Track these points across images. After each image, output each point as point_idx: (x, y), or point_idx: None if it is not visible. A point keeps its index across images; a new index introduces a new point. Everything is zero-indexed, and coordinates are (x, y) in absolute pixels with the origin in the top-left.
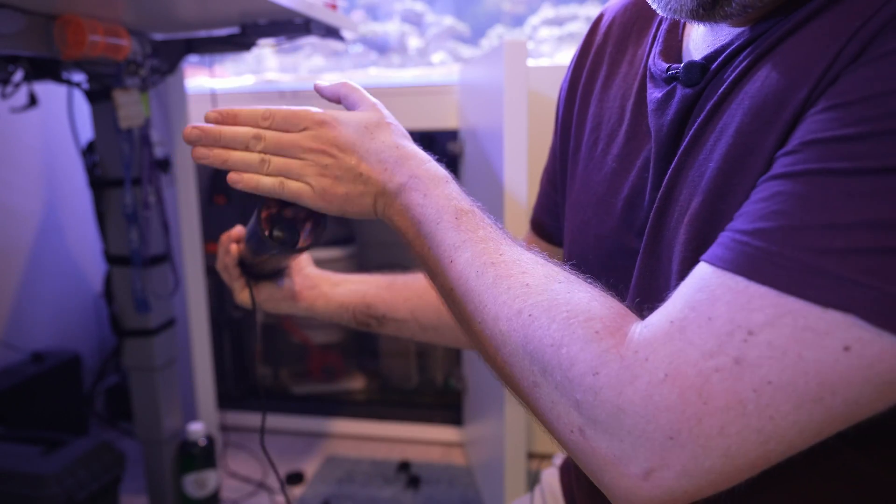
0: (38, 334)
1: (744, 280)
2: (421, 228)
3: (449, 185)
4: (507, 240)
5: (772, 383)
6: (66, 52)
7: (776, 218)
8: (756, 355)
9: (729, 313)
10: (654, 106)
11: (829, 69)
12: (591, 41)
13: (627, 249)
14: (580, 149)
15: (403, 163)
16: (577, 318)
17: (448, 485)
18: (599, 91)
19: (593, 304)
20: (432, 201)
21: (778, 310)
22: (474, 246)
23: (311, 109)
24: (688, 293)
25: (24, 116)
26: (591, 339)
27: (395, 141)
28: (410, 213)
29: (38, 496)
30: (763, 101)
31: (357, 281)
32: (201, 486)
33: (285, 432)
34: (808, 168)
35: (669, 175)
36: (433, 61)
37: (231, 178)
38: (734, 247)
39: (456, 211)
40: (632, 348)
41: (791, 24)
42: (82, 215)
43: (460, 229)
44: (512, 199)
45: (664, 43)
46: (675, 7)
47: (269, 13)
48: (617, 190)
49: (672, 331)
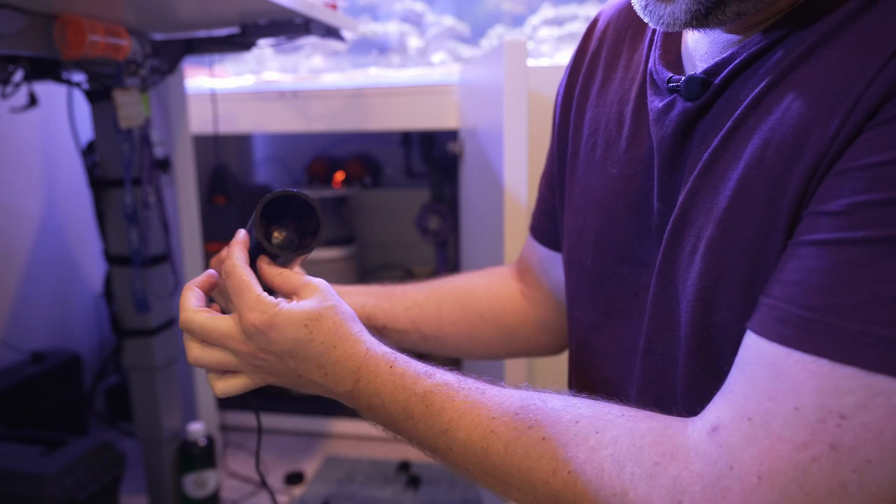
0: (38, 334)
1: (827, 363)
2: (397, 427)
3: (397, 368)
4: (487, 391)
5: (871, 462)
6: (66, 52)
7: (847, 291)
8: (852, 438)
9: (817, 400)
10: (654, 115)
11: (856, 106)
12: (587, 46)
13: (630, 257)
14: (578, 153)
15: (343, 366)
16: (626, 456)
17: (448, 485)
18: (596, 95)
19: (632, 432)
20: (391, 401)
21: (870, 390)
22: (461, 422)
23: (249, 310)
24: (757, 380)
25: (24, 116)
26: (653, 473)
27: (334, 339)
28: (374, 414)
29: (38, 496)
30: (784, 134)
31: (355, 292)
32: (201, 486)
33: (285, 432)
34: (871, 235)
35: (684, 198)
36: (433, 61)
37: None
38: (805, 325)
39: (421, 398)
40: (708, 460)
41: (804, 47)
42: (82, 215)
43: (437, 413)
44: (512, 199)
45: (663, 47)
46: (668, 21)
47: (269, 13)
48: (619, 196)
49: (754, 429)
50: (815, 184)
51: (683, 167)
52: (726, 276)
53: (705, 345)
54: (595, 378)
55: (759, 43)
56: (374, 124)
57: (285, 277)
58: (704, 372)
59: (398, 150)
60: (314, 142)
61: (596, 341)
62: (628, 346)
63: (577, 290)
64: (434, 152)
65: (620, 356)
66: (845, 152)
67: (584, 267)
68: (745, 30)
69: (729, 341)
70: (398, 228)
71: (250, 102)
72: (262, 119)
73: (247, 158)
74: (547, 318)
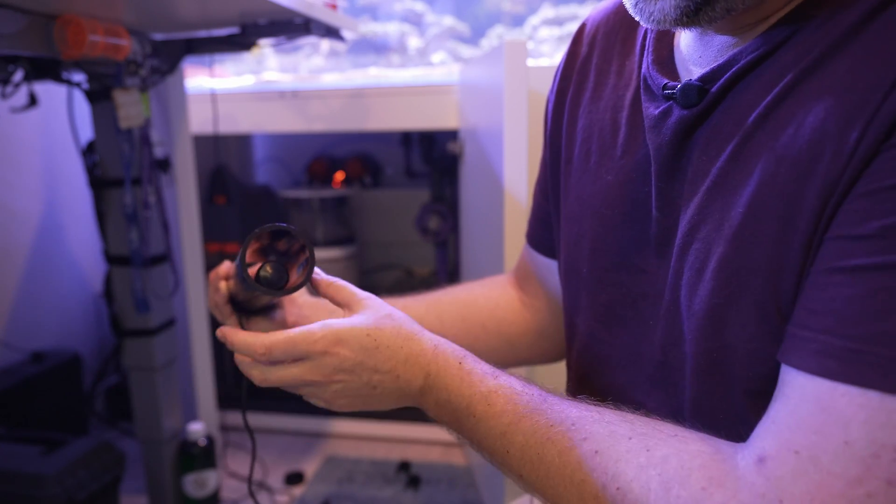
0: (38, 334)
1: (877, 395)
2: (460, 425)
3: (465, 365)
4: (549, 399)
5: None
6: (66, 52)
7: (889, 318)
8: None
9: (868, 434)
10: (650, 123)
11: (871, 123)
12: (577, 52)
13: (627, 264)
14: (572, 161)
15: (413, 362)
16: (674, 478)
17: (448, 485)
18: (588, 102)
19: (681, 453)
20: (457, 396)
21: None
22: (520, 425)
23: (310, 334)
24: (802, 414)
25: (24, 116)
26: (699, 498)
27: (399, 341)
28: (441, 412)
29: (38, 496)
30: (797, 152)
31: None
32: (201, 486)
33: (285, 432)
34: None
35: (693, 212)
36: (433, 61)
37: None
38: (849, 356)
39: (485, 396)
40: (756, 492)
41: (810, 59)
42: (82, 215)
43: (498, 414)
44: (512, 199)
45: (655, 51)
46: (658, 18)
47: (269, 13)
48: (614, 203)
49: (802, 463)
50: (835, 204)
51: (683, 175)
52: (739, 294)
53: (715, 364)
54: (600, 386)
55: (758, 49)
56: (374, 124)
57: (336, 289)
58: (711, 391)
59: (398, 150)
60: (314, 142)
61: (597, 350)
62: (631, 353)
63: (576, 299)
64: (434, 152)
65: (622, 364)
66: (865, 172)
67: (581, 275)
68: (739, 31)
69: (738, 362)
70: (398, 228)
71: (250, 102)
72: (262, 119)
73: (247, 158)
74: (546, 325)
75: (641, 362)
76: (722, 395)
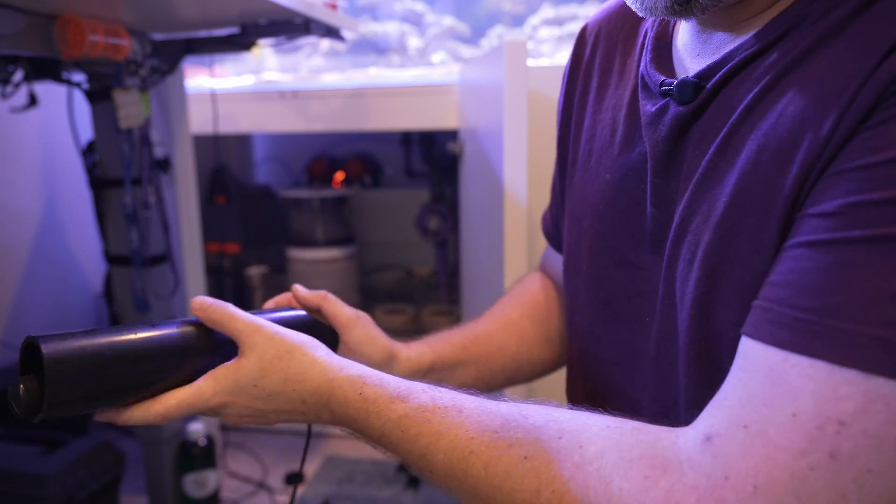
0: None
1: (825, 365)
2: (382, 448)
3: (366, 393)
4: (465, 407)
5: (871, 471)
6: (66, 52)
7: (843, 291)
8: (852, 446)
9: (816, 406)
10: (647, 119)
11: (849, 108)
12: (581, 53)
13: (624, 261)
14: (577, 161)
15: (312, 402)
16: (614, 472)
17: None
18: (593, 102)
19: (619, 445)
20: (367, 429)
21: (868, 395)
22: (439, 445)
23: (201, 394)
24: (753, 386)
25: (24, 116)
26: (643, 487)
27: (289, 386)
28: (361, 438)
29: (38, 496)
30: (779, 139)
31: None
32: (201, 486)
33: (285, 432)
34: (867, 235)
35: (684, 206)
36: (433, 61)
37: None
38: (801, 327)
39: (396, 424)
40: (702, 471)
41: (797, 52)
42: (82, 215)
43: (413, 438)
44: (512, 199)
45: (654, 50)
46: (650, 6)
47: (269, 13)
48: (612, 200)
49: (750, 437)
50: (809, 186)
51: (678, 171)
52: (723, 282)
53: (704, 354)
54: (599, 385)
55: (753, 47)
56: (374, 124)
57: (223, 325)
58: (704, 383)
59: (398, 150)
60: (314, 142)
61: (596, 348)
62: (629, 350)
63: (576, 296)
64: (434, 152)
65: (621, 361)
66: (839, 154)
67: (581, 272)
68: (735, 28)
69: (727, 350)
70: (398, 228)
71: (250, 102)
72: (262, 119)
73: (247, 158)
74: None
75: (639, 360)
76: (714, 386)
